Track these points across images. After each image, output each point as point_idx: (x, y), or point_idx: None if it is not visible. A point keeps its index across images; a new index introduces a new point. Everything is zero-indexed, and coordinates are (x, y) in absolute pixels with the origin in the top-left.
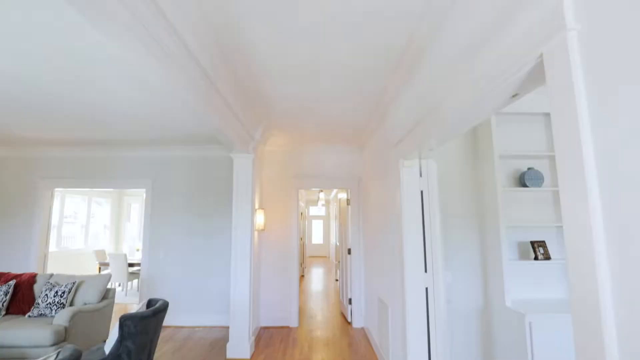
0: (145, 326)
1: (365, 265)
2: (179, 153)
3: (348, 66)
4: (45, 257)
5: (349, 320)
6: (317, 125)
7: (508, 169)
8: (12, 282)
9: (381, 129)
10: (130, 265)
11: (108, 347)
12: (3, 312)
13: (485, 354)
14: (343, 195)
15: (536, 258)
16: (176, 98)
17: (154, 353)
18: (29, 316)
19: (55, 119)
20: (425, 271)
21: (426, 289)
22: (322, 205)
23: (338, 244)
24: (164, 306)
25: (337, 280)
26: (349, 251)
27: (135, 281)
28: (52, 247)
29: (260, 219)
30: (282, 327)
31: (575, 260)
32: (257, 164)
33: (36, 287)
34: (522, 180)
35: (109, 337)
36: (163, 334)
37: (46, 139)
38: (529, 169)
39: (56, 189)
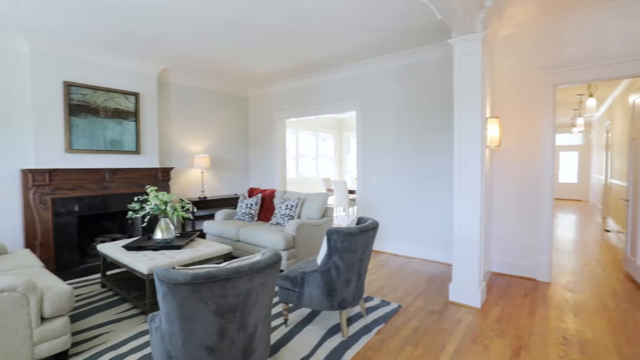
0: (352, 243)
1: None
2: (385, 65)
3: None
4: (284, 179)
5: None
6: None
7: None
8: (259, 195)
9: None
10: (351, 192)
11: (319, 260)
12: (256, 218)
13: None
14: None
15: None
16: None
17: (364, 275)
18: (271, 224)
19: (256, 31)
20: None
21: None
22: (579, 130)
23: (623, 182)
24: (373, 225)
25: (607, 231)
26: None
27: (356, 207)
28: (294, 175)
29: (493, 131)
30: (523, 278)
31: None
32: (488, 52)
33: (275, 201)
34: None
35: (320, 250)
36: (378, 259)
37: (271, 71)
38: None
39: (287, 120)
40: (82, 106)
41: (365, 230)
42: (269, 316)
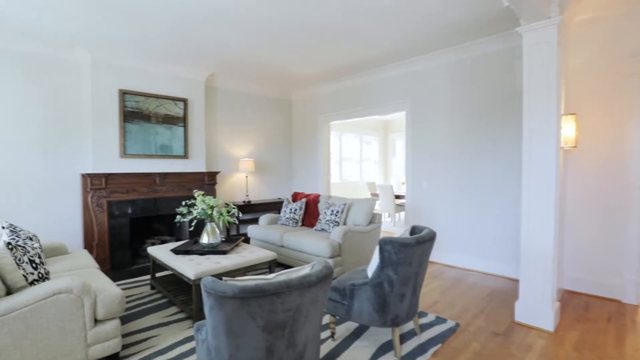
0: (407, 255)
1: None
2: (437, 61)
3: None
4: (328, 183)
5: None
6: None
7: None
8: (304, 200)
9: None
10: (397, 197)
11: (370, 271)
12: (300, 224)
13: None
14: None
15: None
16: None
17: (419, 289)
18: (315, 229)
19: (306, 31)
20: None
21: None
22: None
23: None
24: (430, 236)
25: None
26: None
27: (402, 213)
28: (336, 179)
29: (568, 129)
30: (604, 299)
31: None
32: (563, 40)
33: (319, 206)
34: None
35: (371, 261)
36: (430, 270)
37: (317, 73)
38: None
39: (331, 123)
40: (135, 113)
41: (422, 242)
42: (319, 333)
